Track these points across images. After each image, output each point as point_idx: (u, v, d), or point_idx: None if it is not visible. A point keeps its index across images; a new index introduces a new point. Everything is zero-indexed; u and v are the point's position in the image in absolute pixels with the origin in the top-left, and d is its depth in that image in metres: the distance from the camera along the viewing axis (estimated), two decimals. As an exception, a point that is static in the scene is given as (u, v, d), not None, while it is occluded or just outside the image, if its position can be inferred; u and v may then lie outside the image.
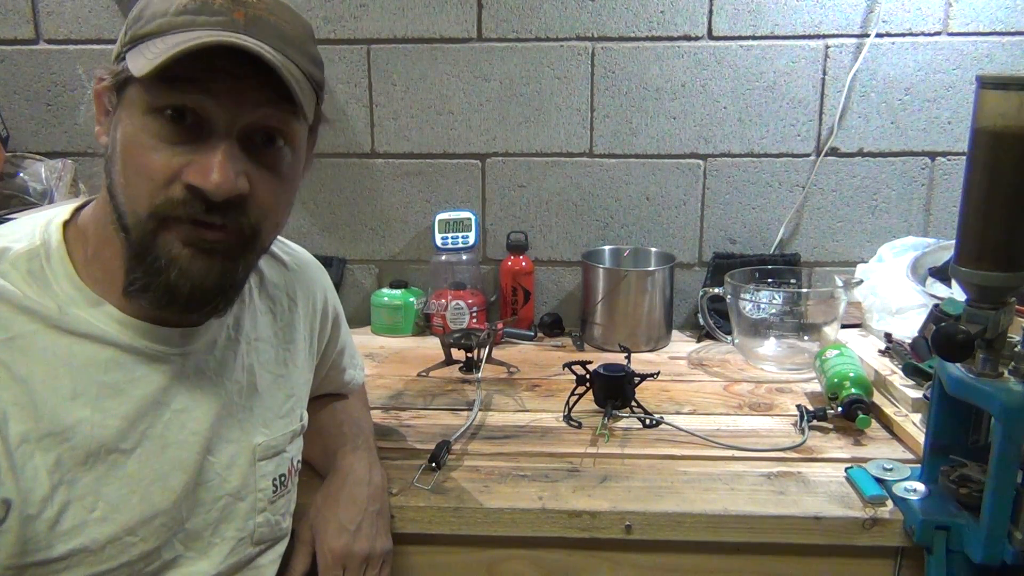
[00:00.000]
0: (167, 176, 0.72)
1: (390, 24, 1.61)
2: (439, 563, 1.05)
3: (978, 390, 0.88)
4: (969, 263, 0.89)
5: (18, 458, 0.70)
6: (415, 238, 1.71)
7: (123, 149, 0.73)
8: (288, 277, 0.97)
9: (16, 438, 0.70)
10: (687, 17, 1.57)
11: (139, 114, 0.72)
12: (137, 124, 0.72)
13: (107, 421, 0.74)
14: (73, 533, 0.72)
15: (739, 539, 0.99)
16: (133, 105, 0.73)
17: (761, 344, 1.47)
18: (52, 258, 0.75)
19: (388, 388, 1.38)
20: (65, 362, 0.73)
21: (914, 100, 1.59)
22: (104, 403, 0.74)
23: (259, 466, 0.87)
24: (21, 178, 1.56)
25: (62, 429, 0.72)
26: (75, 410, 0.73)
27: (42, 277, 0.74)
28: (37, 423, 0.71)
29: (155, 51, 0.70)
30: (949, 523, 0.93)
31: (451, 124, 1.65)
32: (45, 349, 0.72)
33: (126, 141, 0.73)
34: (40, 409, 0.71)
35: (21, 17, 1.64)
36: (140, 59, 0.71)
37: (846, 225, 1.65)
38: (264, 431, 0.88)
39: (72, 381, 0.73)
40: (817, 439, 1.17)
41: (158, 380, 0.78)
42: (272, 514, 0.89)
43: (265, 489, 0.88)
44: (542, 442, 1.17)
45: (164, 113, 0.72)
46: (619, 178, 1.66)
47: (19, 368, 0.71)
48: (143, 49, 0.72)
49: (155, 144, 0.72)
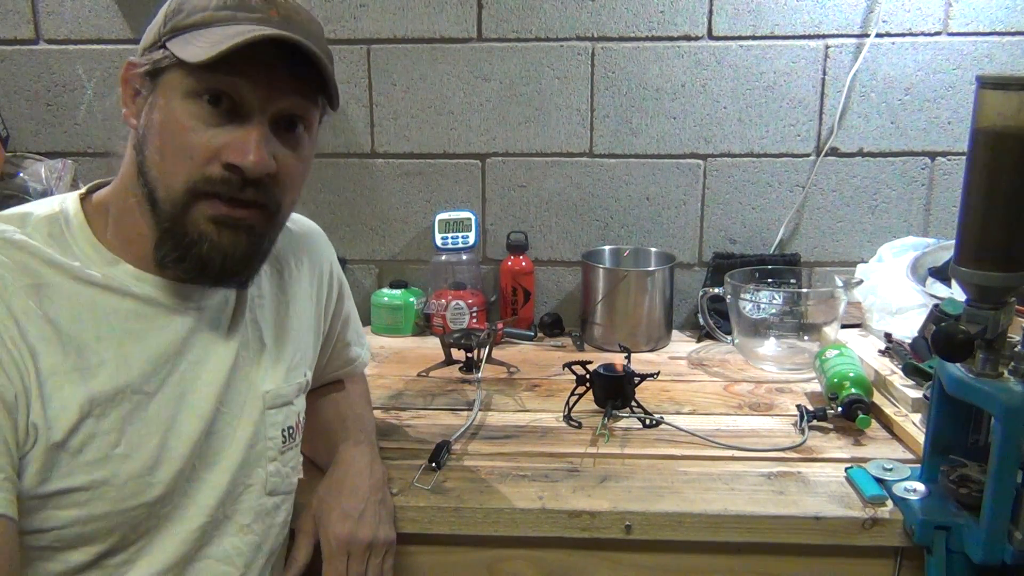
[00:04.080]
0: (206, 155, 0.78)
1: (390, 24, 1.61)
2: (439, 563, 1.05)
3: (978, 390, 0.88)
4: (969, 263, 0.89)
5: (49, 388, 0.74)
6: (415, 238, 1.71)
7: (162, 129, 0.79)
8: (295, 241, 1.02)
9: (47, 370, 0.74)
10: (687, 17, 1.57)
11: (178, 97, 0.78)
12: (177, 107, 0.78)
13: (131, 363, 0.79)
14: (96, 465, 0.76)
15: (739, 539, 0.99)
16: (173, 89, 0.78)
17: (761, 344, 1.47)
18: (71, 223, 0.81)
19: (388, 388, 1.38)
20: (89, 309, 0.78)
21: (914, 100, 1.59)
22: (127, 347, 0.79)
23: (268, 415, 0.91)
24: (21, 178, 1.56)
25: (88, 366, 0.77)
26: (100, 351, 0.78)
27: (62, 239, 0.80)
28: (65, 358, 0.76)
29: (207, 40, 0.76)
30: (949, 523, 0.93)
31: (451, 124, 1.65)
32: (70, 296, 0.77)
33: (166, 122, 0.79)
34: (67, 346, 0.76)
35: (21, 17, 1.64)
36: (190, 47, 0.77)
37: (846, 225, 1.65)
38: (272, 380, 0.92)
39: (96, 326, 0.78)
40: (817, 439, 1.17)
41: (177, 330, 0.83)
42: (283, 465, 0.93)
43: (275, 438, 0.91)
44: (542, 442, 1.17)
45: (202, 97, 0.78)
46: (619, 178, 1.66)
47: (47, 309, 0.76)
48: (190, 39, 0.78)
49: (195, 125, 0.78)
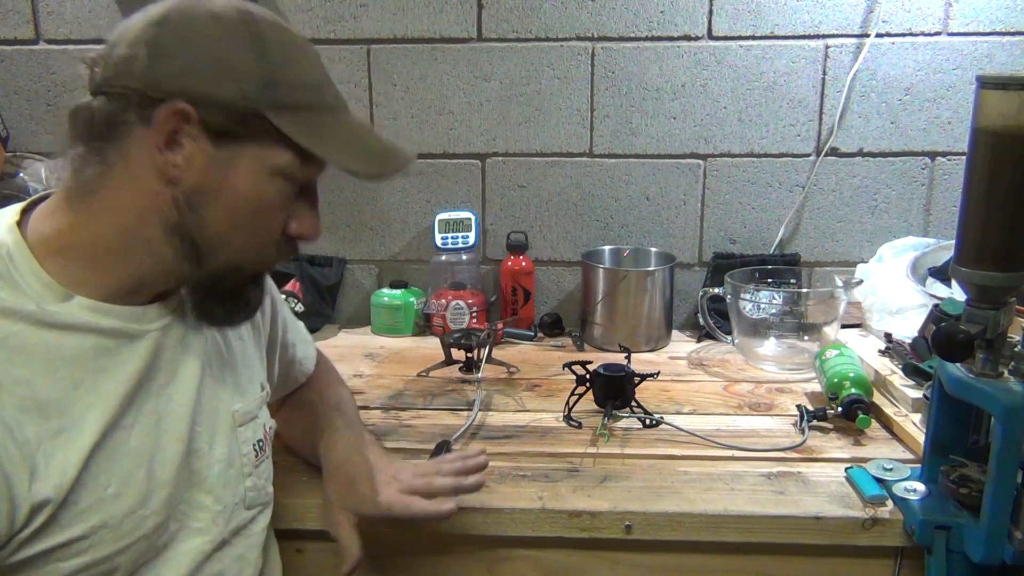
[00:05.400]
0: (279, 231, 0.82)
1: (390, 24, 1.61)
2: (439, 563, 1.05)
3: (978, 390, 0.88)
4: (969, 263, 0.89)
5: (39, 460, 0.71)
6: (415, 238, 1.71)
7: (240, 200, 0.78)
8: None
9: (33, 441, 0.71)
10: (687, 17, 1.57)
11: (267, 173, 0.78)
12: (265, 182, 0.78)
13: (109, 401, 0.76)
14: (92, 511, 0.75)
15: (739, 539, 0.99)
16: (263, 162, 0.77)
17: (761, 344, 1.47)
18: (15, 258, 0.75)
19: (388, 388, 1.38)
20: (58, 355, 0.74)
21: (914, 100, 1.59)
22: (101, 387, 0.76)
23: (239, 432, 0.90)
24: (21, 178, 1.56)
25: (73, 423, 0.74)
26: (80, 398, 0.75)
27: (10, 279, 0.74)
28: (47, 421, 0.72)
29: (344, 141, 0.80)
30: (949, 523, 0.93)
31: (451, 124, 1.65)
32: (37, 345, 0.73)
33: (248, 194, 0.78)
34: (48, 408, 0.72)
35: (21, 17, 1.64)
36: (315, 138, 0.77)
37: (846, 225, 1.65)
38: (239, 398, 0.91)
39: (70, 372, 0.74)
40: (817, 439, 1.17)
41: (142, 356, 0.80)
42: (257, 479, 0.92)
43: (248, 454, 0.91)
44: (542, 442, 1.17)
45: (294, 180, 0.79)
46: (619, 178, 1.66)
47: (17, 371, 0.71)
48: (309, 122, 0.78)
49: (280, 205, 0.80)
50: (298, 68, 0.79)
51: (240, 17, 0.77)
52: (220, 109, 0.75)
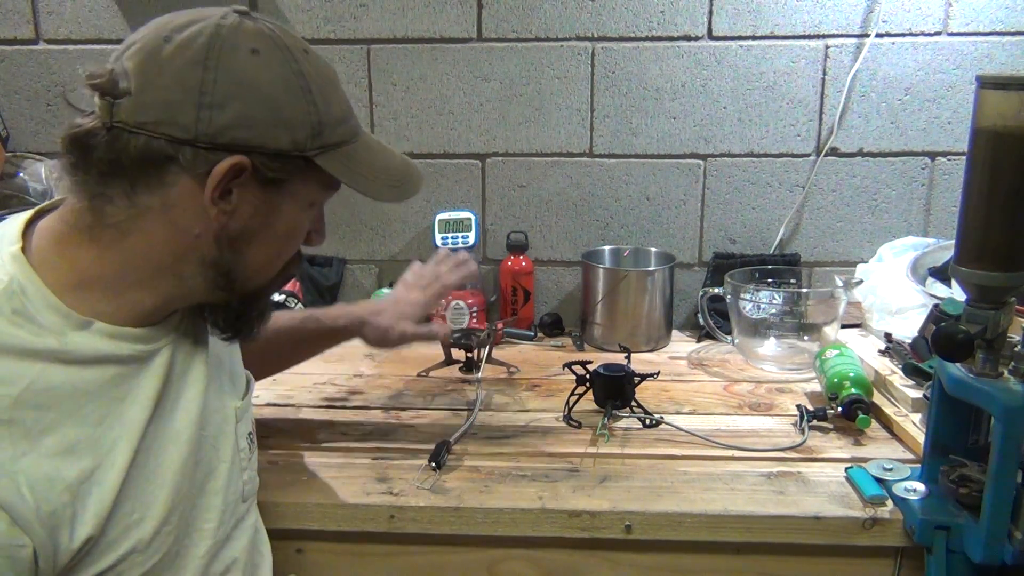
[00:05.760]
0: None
1: (390, 24, 1.61)
2: (439, 563, 1.05)
3: (978, 390, 0.88)
4: (969, 263, 0.89)
5: (77, 507, 0.70)
6: (415, 238, 1.71)
7: (282, 236, 0.81)
8: None
9: (72, 484, 0.70)
10: (687, 17, 1.57)
11: (301, 207, 0.81)
12: (301, 215, 0.82)
13: (133, 430, 0.76)
14: (120, 540, 0.74)
15: (739, 539, 0.99)
16: (300, 199, 0.80)
17: (761, 344, 1.47)
18: (27, 291, 0.71)
19: (388, 388, 1.38)
20: (83, 391, 0.72)
21: (914, 100, 1.59)
22: (125, 415, 0.75)
23: (237, 428, 0.91)
24: (21, 178, 1.56)
25: (103, 462, 0.73)
26: (107, 432, 0.74)
27: (26, 314, 0.71)
28: (80, 461, 0.71)
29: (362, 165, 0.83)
30: (949, 523, 0.93)
31: (451, 124, 1.65)
32: (62, 385, 0.71)
33: (289, 230, 0.81)
34: (79, 448, 0.71)
35: (21, 17, 1.64)
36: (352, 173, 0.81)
37: (846, 225, 1.65)
38: (235, 395, 0.92)
39: (95, 407, 0.73)
40: (817, 439, 1.17)
41: (158, 375, 0.79)
42: (252, 471, 0.94)
43: (244, 449, 0.92)
44: (542, 442, 1.17)
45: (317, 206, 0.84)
46: (619, 178, 1.66)
47: (47, 416, 0.69)
48: (341, 159, 0.80)
49: (307, 227, 0.84)
50: (334, 105, 0.79)
51: (279, 55, 0.75)
52: (272, 159, 0.75)
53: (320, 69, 0.79)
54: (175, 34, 0.72)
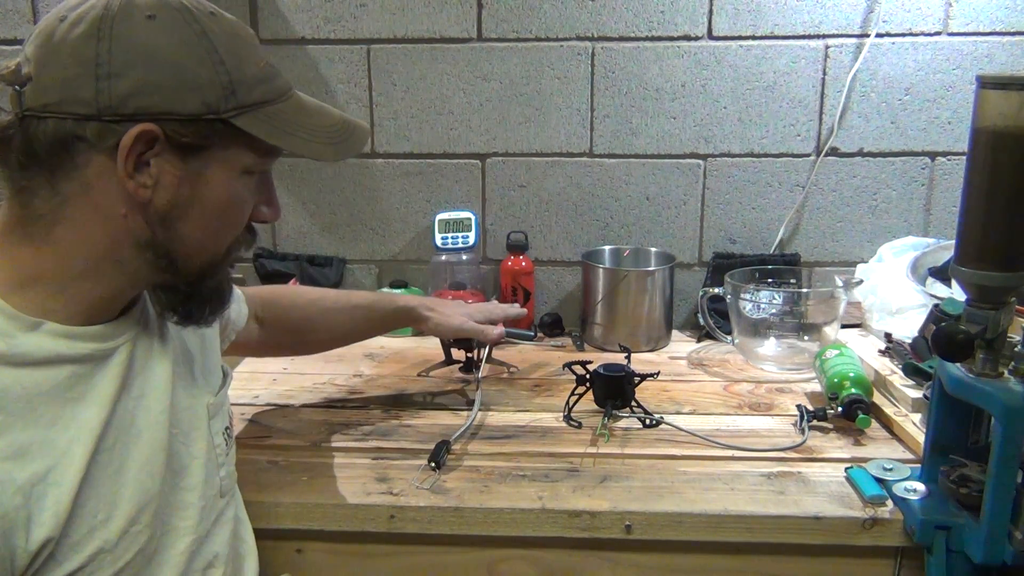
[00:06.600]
0: (245, 223, 0.81)
1: (390, 24, 1.61)
2: (439, 563, 1.05)
3: (978, 390, 0.88)
4: (969, 263, 0.89)
5: (30, 509, 0.68)
6: (415, 238, 1.71)
7: (215, 206, 0.77)
8: None
9: (24, 486, 0.68)
10: (687, 17, 1.57)
11: (237, 174, 0.77)
12: (236, 183, 0.77)
13: (90, 430, 0.74)
14: (86, 541, 0.73)
15: (739, 539, 0.99)
16: (231, 165, 0.76)
17: (761, 344, 1.47)
18: None
19: (388, 388, 1.38)
20: (35, 392, 0.71)
21: (914, 100, 1.59)
22: (81, 416, 0.74)
23: (211, 424, 0.90)
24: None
25: (58, 459, 0.71)
26: (61, 433, 0.72)
27: None
28: (33, 463, 0.69)
29: (292, 124, 0.78)
30: (949, 523, 0.93)
31: (451, 124, 1.65)
32: (11, 387, 0.69)
33: (222, 199, 0.77)
34: (32, 450, 0.69)
35: (21, 17, 1.64)
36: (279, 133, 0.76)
37: (846, 225, 1.65)
38: (208, 390, 0.91)
39: (48, 408, 0.71)
40: (817, 439, 1.17)
41: (117, 373, 0.78)
42: (228, 466, 0.93)
43: (220, 445, 0.91)
44: (542, 442, 1.17)
45: (257, 173, 0.80)
46: (619, 178, 1.66)
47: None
48: (265, 118, 0.76)
49: (248, 199, 0.80)
50: (248, 63, 0.75)
51: (178, 16, 0.72)
52: (185, 124, 0.72)
53: (229, 29, 0.76)
54: (70, 12, 0.71)
